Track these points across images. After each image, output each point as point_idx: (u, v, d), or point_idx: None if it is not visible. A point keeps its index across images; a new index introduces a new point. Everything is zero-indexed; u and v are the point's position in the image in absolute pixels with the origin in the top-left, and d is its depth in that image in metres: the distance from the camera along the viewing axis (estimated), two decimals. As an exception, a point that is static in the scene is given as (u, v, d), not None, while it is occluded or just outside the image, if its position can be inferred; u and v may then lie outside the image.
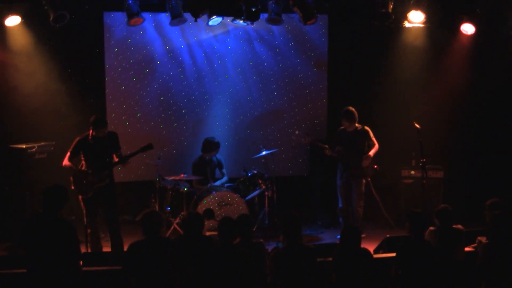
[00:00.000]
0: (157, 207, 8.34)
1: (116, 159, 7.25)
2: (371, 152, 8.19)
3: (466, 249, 6.10)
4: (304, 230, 7.56)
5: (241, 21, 8.50)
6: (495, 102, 9.61)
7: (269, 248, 5.97)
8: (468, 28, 8.99)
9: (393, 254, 5.57)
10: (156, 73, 9.20)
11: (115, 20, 8.90)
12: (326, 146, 8.27)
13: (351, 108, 8.18)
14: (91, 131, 7.03)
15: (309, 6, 8.30)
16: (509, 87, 9.49)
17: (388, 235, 6.82)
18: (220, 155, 8.92)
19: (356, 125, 8.21)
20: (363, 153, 8.17)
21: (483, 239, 6.01)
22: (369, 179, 8.43)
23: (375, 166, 8.38)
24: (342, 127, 8.30)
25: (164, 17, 8.86)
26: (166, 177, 8.39)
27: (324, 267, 5.47)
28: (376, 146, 8.25)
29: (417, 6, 8.77)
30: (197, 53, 9.32)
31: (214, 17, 8.40)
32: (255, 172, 8.58)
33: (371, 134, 8.25)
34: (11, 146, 8.08)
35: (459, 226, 5.97)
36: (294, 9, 8.36)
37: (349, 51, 9.66)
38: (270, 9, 8.49)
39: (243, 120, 9.59)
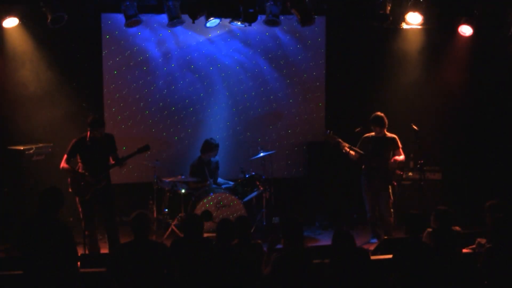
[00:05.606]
0: (155, 208, 8.34)
1: (113, 161, 7.25)
2: (398, 157, 7.92)
3: (465, 250, 6.10)
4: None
5: (239, 23, 8.49)
6: (493, 103, 9.61)
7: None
8: (466, 30, 9.00)
9: (390, 256, 5.56)
10: (154, 74, 9.19)
11: (113, 22, 8.88)
12: (358, 149, 7.92)
13: (381, 113, 7.95)
14: (88, 133, 7.02)
15: (307, 8, 8.31)
16: (507, 88, 9.51)
17: (386, 237, 6.81)
18: (218, 157, 8.93)
19: (385, 132, 7.99)
20: (388, 159, 7.90)
21: (483, 241, 6.01)
22: (395, 183, 8.07)
23: (401, 172, 8.04)
24: (369, 134, 8.04)
25: (162, 19, 8.84)
26: (164, 179, 8.38)
27: (322, 268, 5.45)
28: (403, 156, 7.98)
29: (415, 8, 8.79)
30: (195, 55, 9.31)
31: (212, 18, 8.40)
32: (253, 173, 8.58)
33: (399, 144, 7.98)
34: (9, 147, 8.08)
35: (457, 228, 5.96)
36: (292, 11, 8.37)
37: (347, 52, 9.66)
38: (268, 11, 8.49)
39: (242, 121, 9.58)
